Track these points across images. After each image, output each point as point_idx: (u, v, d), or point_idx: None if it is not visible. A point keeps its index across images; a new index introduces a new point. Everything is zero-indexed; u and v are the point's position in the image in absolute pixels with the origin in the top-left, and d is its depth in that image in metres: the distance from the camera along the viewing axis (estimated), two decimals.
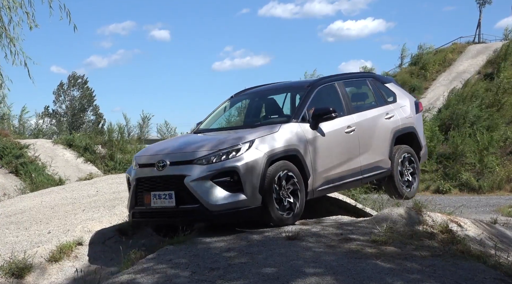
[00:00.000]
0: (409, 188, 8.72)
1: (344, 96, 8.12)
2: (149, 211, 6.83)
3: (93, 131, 30.83)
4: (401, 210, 7.26)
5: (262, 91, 8.77)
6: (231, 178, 6.51)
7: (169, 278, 5.26)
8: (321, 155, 7.37)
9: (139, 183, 6.96)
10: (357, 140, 7.91)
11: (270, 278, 5.14)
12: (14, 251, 7.14)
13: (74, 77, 53.87)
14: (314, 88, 7.87)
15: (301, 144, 7.14)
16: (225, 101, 8.95)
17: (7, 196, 15.41)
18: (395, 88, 9.17)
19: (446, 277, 5.25)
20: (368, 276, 5.14)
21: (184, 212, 6.60)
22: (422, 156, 9.23)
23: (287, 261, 5.53)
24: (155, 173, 6.78)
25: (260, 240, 6.31)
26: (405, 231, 6.58)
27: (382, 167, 8.29)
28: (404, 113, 8.79)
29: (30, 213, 9.02)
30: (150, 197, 6.77)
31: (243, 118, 8.77)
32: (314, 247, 6.02)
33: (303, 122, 7.37)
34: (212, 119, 8.73)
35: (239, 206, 6.50)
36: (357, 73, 9.29)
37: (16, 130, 25.94)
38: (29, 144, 19.66)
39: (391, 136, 8.43)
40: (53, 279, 6.68)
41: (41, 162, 18.43)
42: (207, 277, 5.23)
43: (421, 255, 5.81)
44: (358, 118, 8.04)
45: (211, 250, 6.02)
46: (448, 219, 7.51)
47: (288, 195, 6.88)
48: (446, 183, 24.78)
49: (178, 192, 6.57)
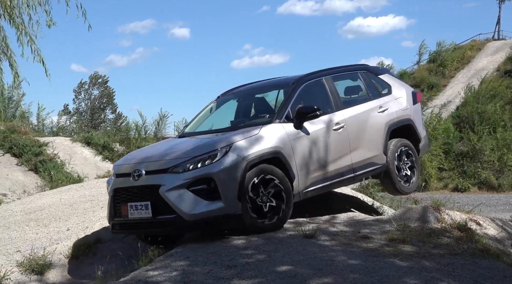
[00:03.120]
0: (408, 183, 8.29)
1: (332, 92, 7.76)
2: (127, 222, 6.54)
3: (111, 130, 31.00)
4: (419, 208, 7.22)
5: (248, 90, 8.41)
6: (208, 185, 6.19)
7: (186, 275, 5.27)
8: (306, 155, 7.03)
9: (116, 193, 6.66)
10: (347, 137, 7.52)
11: (287, 276, 5.13)
12: (33, 248, 7.21)
13: (96, 76, 54.34)
14: (298, 86, 7.52)
15: (284, 145, 6.79)
16: (212, 102, 8.62)
17: (26, 193, 15.56)
18: (390, 79, 8.76)
19: (465, 276, 5.21)
20: (385, 274, 5.12)
21: (161, 223, 6.29)
22: (422, 149, 8.77)
23: (304, 259, 5.53)
24: (131, 183, 6.49)
25: (277, 238, 6.30)
26: (423, 230, 6.54)
27: (376, 162, 7.88)
28: (399, 105, 8.36)
29: (49, 210, 9.09)
30: (127, 208, 6.46)
31: (229, 120, 8.31)
32: (331, 245, 6.00)
33: (287, 122, 7.03)
34: (197, 122, 8.41)
35: (217, 214, 6.17)
36: (347, 66, 8.62)
37: (35, 128, 26.15)
38: (48, 141, 19.79)
39: (385, 130, 8.01)
40: (72, 276, 6.73)
41: (60, 159, 18.54)
42: (224, 275, 5.24)
43: (439, 254, 5.77)
44: (348, 114, 7.65)
45: (228, 248, 6.03)
46: (467, 217, 7.46)
47: (269, 199, 6.50)
48: (464, 181, 24.51)
49: (154, 202, 6.26)
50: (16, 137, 19.00)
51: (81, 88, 53.52)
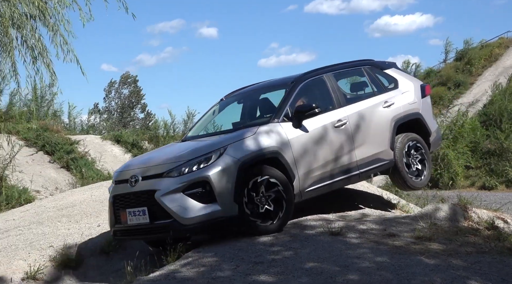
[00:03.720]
0: (419, 177, 8.03)
1: (334, 89, 7.55)
2: (127, 229, 6.48)
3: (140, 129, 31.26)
4: (446, 206, 7.15)
5: (250, 91, 8.23)
6: (203, 188, 6.08)
7: (213, 271, 5.30)
8: (306, 154, 6.85)
9: (115, 200, 6.61)
10: (350, 134, 7.31)
11: (313, 273, 5.13)
12: (66, 243, 7.31)
13: (126, 76, 54.98)
14: (297, 85, 7.32)
15: (282, 144, 6.65)
16: (215, 105, 8.49)
17: (58, 190, 15.79)
18: (397, 73, 8.46)
19: (492, 274, 5.15)
20: (412, 272, 5.08)
21: (159, 228, 6.19)
22: (433, 143, 8.44)
23: (330, 257, 5.51)
24: (129, 189, 6.42)
25: (304, 235, 6.29)
26: (449, 227, 6.48)
27: (383, 158, 7.64)
28: (406, 100, 8.07)
29: (81, 207, 9.20)
30: (126, 215, 6.40)
31: (231, 122, 8.14)
32: (357, 242, 5.97)
33: (286, 121, 6.87)
34: (201, 125, 8.34)
35: (213, 217, 6.06)
36: (351, 62, 8.33)
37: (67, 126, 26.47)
38: (79, 139, 20.03)
39: (391, 125, 7.74)
40: (102, 270, 6.81)
41: (91, 157, 18.76)
42: (251, 271, 5.25)
43: (466, 252, 5.71)
44: (351, 111, 7.43)
45: (255, 245, 6.03)
46: (494, 215, 7.36)
47: (268, 201, 6.35)
48: (492, 179, 24.16)
49: (150, 207, 6.18)
50: (48, 136, 19.27)
51: (111, 87, 54.15)
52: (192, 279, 5.16)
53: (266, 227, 6.31)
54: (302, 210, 7.27)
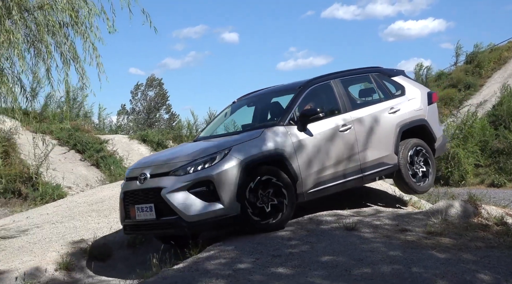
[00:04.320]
0: (422, 182, 7.87)
1: (340, 95, 7.42)
2: (135, 224, 6.48)
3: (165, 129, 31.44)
4: (456, 202, 7.08)
5: (262, 95, 8.15)
6: (207, 187, 6.04)
7: (234, 263, 5.30)
8: (310, 156, 6.76)
9: (125, 196, 6.63)
10: (354, 138, 7.20)
11: (329, 266, 5.11)
12: (95, 236, 7.37)
13: (152, 79, 55.37)
14: (304, 90, 7.24)
15: (286, 147, 6.58)
16: (227, 107, 8.42)
17: (89, 186, 15.95)
18: (404, 81, 8.29)
19: (501, 267, 5.10)
20: (423, 265, 5.05)
21: (165, 224, 6.18)
22: (438, 148, 8.24)
23: (345, 250, 5.49)
24: (138, 186, 6.43)
25: (320, 230, 6.28)
26: (460, 223, 6.42)
27: (387, 163, 7.49)
28: (412, 106, 7.91)
29: (110, 202, 9.27)
30: (135, 210, 6.41)
31: (241, 124, 8.05)
32: (371, 237, 5.95)
33: (291, 124, 6.81)
34: (212, 126, 8.29)
35: (216, 215, 6.01)
36: (359, 69, 8.19)
37: (97, 126, 26.70)
38: (108, 139, 20.20)
39: (396, 131, 7.60)
40: (129, 262, 6.85)
41: (119, 155, 18.90)
42: (270, 264, 5.25)
43: (476, 246, 5.66)
44: (357, 116, 7.33)
45: (273, 239, 6.03)
46: (503, 211, 7.30)
47: (271, 199, 6.31)
48: (501, 177, 23.89)
49: (157, 204, 6.17)
50: (79, 135, 19.48)
51: (137, 89, 54.51)
52: (213, 270, 5.18)
53: (266, 224, 6.24)
54: (318, 206, 7.26)
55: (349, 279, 4.80)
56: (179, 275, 5.16)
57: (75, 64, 7.24)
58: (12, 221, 9.97)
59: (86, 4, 7.20)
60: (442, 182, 20.57)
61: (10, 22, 6.73)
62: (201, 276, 5.07)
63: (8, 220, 10.27)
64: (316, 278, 4.85)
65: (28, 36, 7.07)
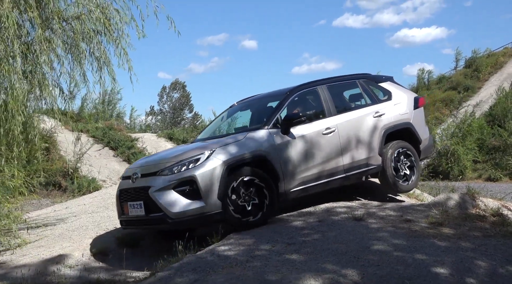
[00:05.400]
0: (407, 182, 7.58)
1: (326, 100, 7.18)
2: (129, 219, 6.44)
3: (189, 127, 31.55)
4: (456, 195, 7.01)
5: (258, 100, 7.92)
6: (190, 186, 5.92)
7: (252, 250, 5.30)
8: (292, 157, 6.58)
9: (121, 194, 6.57)
10: (338, 141, 6.97)
11: (339, 253, 5.09)
12: None
13: (176, 83, 55.81)
14: (290, 95, 7.06)
15: (269, 149, 6.40)
16: (224, 111, 8.25)
17: None
18: (392, 86, 8.01)
19: (497, 255, 5.05)
20: (426, 253, 5.00)
21: (153, 220, 6.09)
22: (424, 150, 7.96)
23: (354, 239, 5.46)
24: (130, 185, 6.38)
25: (331, 220, 6.24)
26: (459, 214, 6.35)
27: (371, 163, 7.25)
28: (398, 110, 7.66)
29: None
30: (128, 207, 6.36)
31: (233, 127, 7.89)
32: (377, 227, 5.90)
33: (275, 128, 6.61)
34: (210, 129, 8.12)
35: (198, 212, 5.90)
36: (347, 75, 7.96)
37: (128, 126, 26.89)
38: (138, 137, 20.34)
39: (380, 133, 7.35)
40: (157, 249, 6.86)
41: (148, 152, 19.00)
42: (285, 251, 5.24)
43: (474, 236, 5.59)
44: (341, 120, 7.11)
45: (288, 228, 6.02)
46: (499, 204, 7.21)
47: (253, 198, 6.16)
48: (497, 171, 23.68)
49: (146, 201, 6.08)
50: (113, 134, 19.64)
51: (163, 92, 54.89)
52: (233, 256, 5.18)
53: (246, 222, 6.10)
54: (329, 199, 7.23)
55: (357, 265, 4.77)
56: (202, 260, 5.17)
57: (108, 68, 7.28)
58: (53, 210, 10.09)
59: (118, 13, 7.23)
60: (442, 176, 20.42)
61: (50, 31, 6.78)
62: (222, 261, 5.08)
63: (50, 209, 10.40)
64: (327, 264, 4.83)
65: (66, 43, 7.13)
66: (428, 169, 24.36)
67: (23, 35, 6.45)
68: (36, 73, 6.81)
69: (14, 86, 6.38)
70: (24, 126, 6.76)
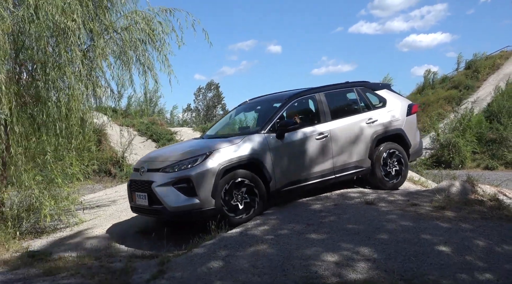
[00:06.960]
0: (395, 180, 7.24)
1: (321, 106, 6.89)
2: (136, 207, 6.43)
3: None
4: (457, 182, 6.89)
5: (265, 101, 7.58)
6: (187, 184, 5.81)
7: (275, 230, 5.32)
8: (284, 160, 6.35)
9: (131, 183, 6.54)
10: (329, 145, 6.69)
11: (352, 233, 5.07)
12: None
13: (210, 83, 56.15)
14: (289, 101, 6.79)
15: (263, 152, 6.19)
16: (233, 109, 7.94)
17: None
18: (387, 94, 7.61)
19: (493, 235, 5.00)
20: (430, 233, 4.96)
21: (155, 210, 6.07)
22: (413, 153, 7.61)
23: (365, 221, 5.43)
24: (138, 177, 6.36)
25: (345, 204, 6.21)
26: (460, 199, 6.25)
27: (360, 166, 6.97)
28: (391, 117, 7.30)
29: None
30: (135, 196, 6.36)
31: (238, 127, 7.68)
32: (387, 210, 5.85)
33: (271, 133, 6.37)
34: (217, 126, 7.86)
35: (193, 208, 5.80)
36: (344, 83, 7.58)
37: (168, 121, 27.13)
38: (176, 131, 20.49)
39: (371, 138, 7.03)
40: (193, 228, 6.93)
41: None
42: (304, 230, 5.24)
43: (473, 218, 5.52)
44: (334, 125, 6.81)
45: (308, 211, 6.01)
46: (496, 190, 7.08)
47: (244, 197, 6.01)
48: (493, 161, 23.31)
49: (149, 194, 6.06)
50: (155, 128, 19.83)
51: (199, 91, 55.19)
52: (259, 235, 5.21)
53: (240, 219, 5.95)
54: (344, 185, 7.18)
55: (369, 244, 4.76)
56: (232, 238, 5.21)
57: (151, 72, 7.36)
58: (105, 194, 10.26)
59: (160, 25, 7.29)
60: (444, 165, 20.13)
61: (102, 39, 6.88)
62: (250, 239, 5.11)
63: (102, 193, 10.58)
64: (342, 243, 4.82)
65: (116, 51, 7.23)
66: (432, 159, 24.06)
67: (80, 43, 6.56)
68: (91, 76, 6.94)
69: (74, 87, 6.50)
70: (81, 122, 6.88)
